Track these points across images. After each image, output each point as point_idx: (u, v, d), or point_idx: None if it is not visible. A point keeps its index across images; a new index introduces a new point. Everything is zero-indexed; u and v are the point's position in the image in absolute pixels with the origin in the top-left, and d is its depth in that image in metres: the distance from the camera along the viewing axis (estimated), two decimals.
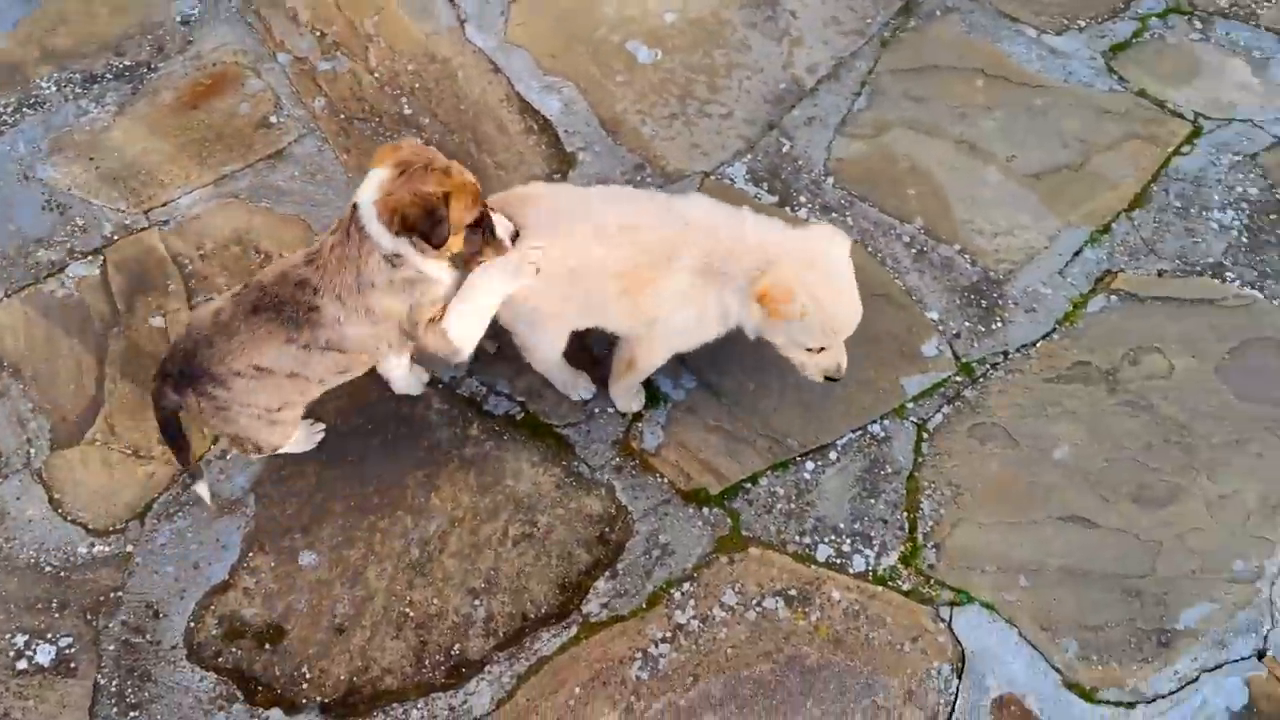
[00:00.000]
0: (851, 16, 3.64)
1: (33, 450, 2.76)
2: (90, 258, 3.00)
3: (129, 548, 2.66)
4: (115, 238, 3.03)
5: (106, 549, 2.65)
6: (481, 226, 2.34)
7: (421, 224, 2.23)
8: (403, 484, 2.77)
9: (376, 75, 3.36)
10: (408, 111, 3.30)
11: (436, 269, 2.37)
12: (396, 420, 2.83)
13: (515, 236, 2.39)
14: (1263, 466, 2.93)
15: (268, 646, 2.58)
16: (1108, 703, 2.63)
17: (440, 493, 2.77)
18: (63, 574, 2.62)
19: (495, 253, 2.39)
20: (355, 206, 2.28)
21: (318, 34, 3.42)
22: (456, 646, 2.60)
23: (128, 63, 3.32)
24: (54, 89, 3.26)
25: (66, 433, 2.78)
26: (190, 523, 2.69)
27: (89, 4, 3.41)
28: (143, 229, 3.05)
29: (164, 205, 3.09)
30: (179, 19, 3.42)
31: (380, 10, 3.48)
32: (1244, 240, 3.30)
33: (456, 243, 2.32)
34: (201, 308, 2.44)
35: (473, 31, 3.49)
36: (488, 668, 2.59)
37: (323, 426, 2.79)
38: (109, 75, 3.29)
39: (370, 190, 2.27)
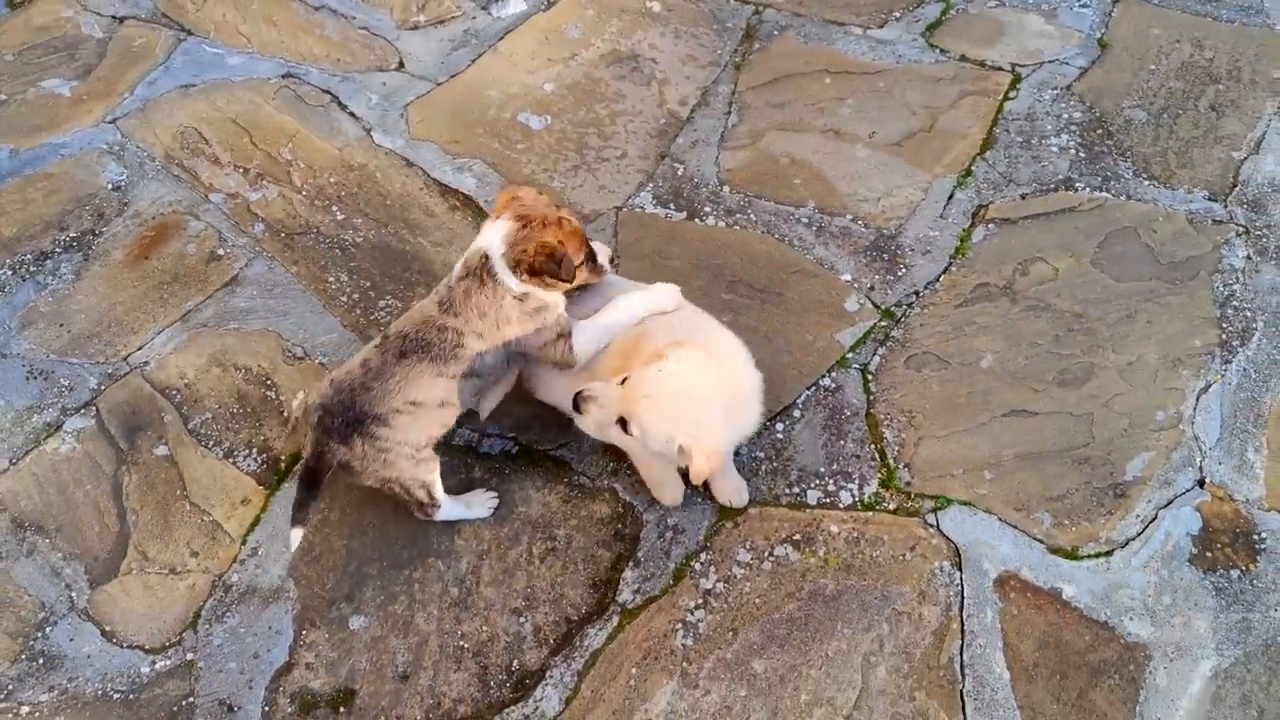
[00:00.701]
0: (704, 51, 4.12)
1: (74, 594, 2.88)
2: (83, 411, 3.17)
3: (189, 655, 2.79)
4: (102, 388, 3.21)
5: (168, 663, 2.78)
6: (590, 258, 2.79)
7: (549, 269, 2.66)
8: (426, 534, 2.98)
9: (304, 193, 3.67)
10: (340, 217, 3.61)
11: (556, 297, 2.79)
12: None
13: (613, 260, 2.85)
14: (1154, 331, 3.37)
15: (342, 709, 2.73)
16: (1089, 556, 2.97)
17: (462, 534, 2.99)
18: (131, 696, 2.73)
19: (595, 277, 2.86)
20: (487, 258, 2.68)
21: (241, 170, 3.71)
22: (515, 662, 2.80)
23: (73, 234, 3.55)
24: (10, 273, 3.45)
25: (102, 570, 2.92)
26: (240, 619, 2.84)
27: (23, 192, 3.64)
28: (125, 374, 3.24)
29: (140, 349, 3.30)
30: (110, 186, 3.67)
31: (292, 138, 3.81)
32: (1082, 155, 3.82)
33: (581, 275, 2.77)
34: (342, 366, 2.78)
35: (380, 137, 3.84)
36: (549, 673, 2.79)
37: (496, 495, 3.05)
38: (58, 249, 3.51)
39: (497, 243, 2.68)
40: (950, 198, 3.71)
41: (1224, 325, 3.39)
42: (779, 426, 3.19)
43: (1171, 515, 3.04)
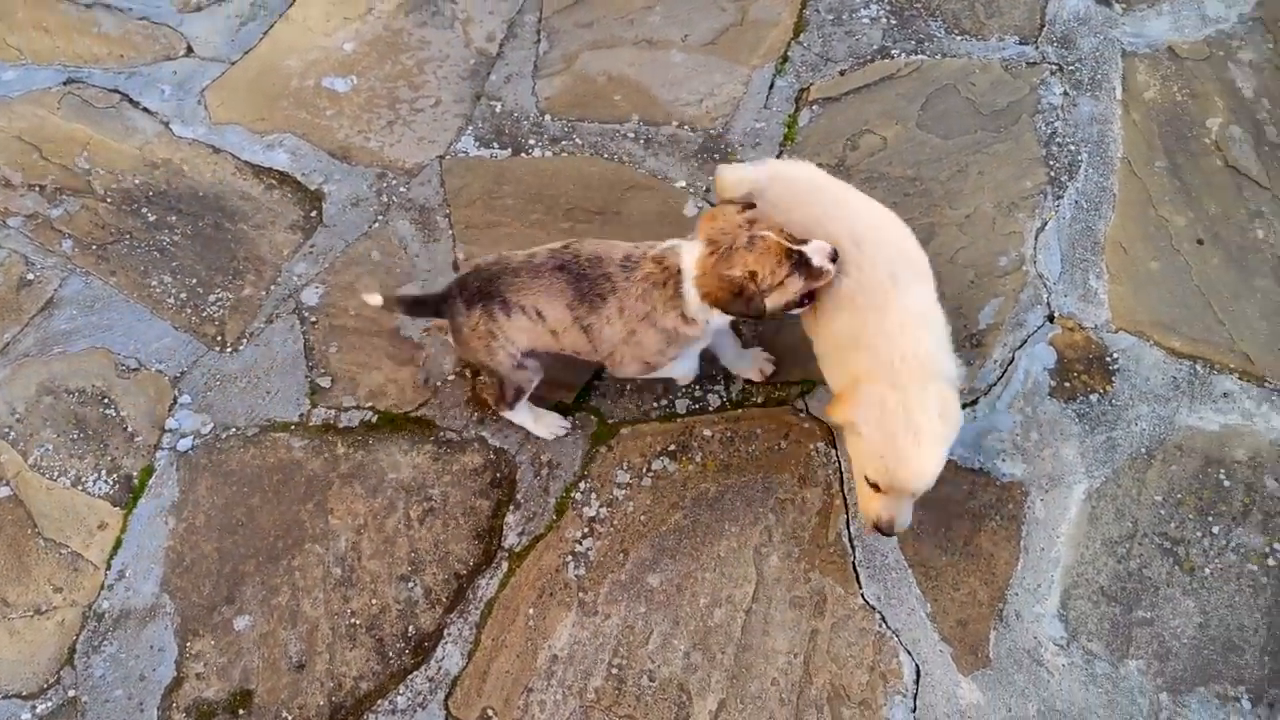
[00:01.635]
0: None
1: None
2: None
3: (71, 693, 2.68)
4: None
5: (50, 705, 2.66)
6: (797, 267, 2.56)
7: (734, 306, 2.55)
8: (299, 521, 2.90)
9: (109, 201, 3.47)
10: (152, 218, 3.43)
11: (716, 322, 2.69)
12: (266, 473, 2.95)
13: (835, 256, 2.58)
14: (986, 181, 3.42)
15: (241, 711, 2.65)
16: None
17: (335, 513, 2.91)
18: None
19: (815, 282, 2.60)
20: (680, 274, 2.59)
21: (37, 188, 3.49)
22: (411, 628, 2.75)
23: None
24: None
25: None
26: (119, 645, 2.73)
27: None
28: None
29: None
30: None
31: (86, 145, 3.59)
32: (894, 23, 3.83)
33: (781, 296, 2.59)
34: (516, 252, 2.77)
35: (180, 129, 3.65)
36: (446, 631, 2.75)
37: (568, 424, 3.04)
38: None
39: (689, 265, 2.58)
40: (771, 87, 3.68)
41: (1051, 163, 3.45)
42: None
43: (1027, 355, 3.10)
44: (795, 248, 2.54)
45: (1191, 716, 2.56)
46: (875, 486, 2.49)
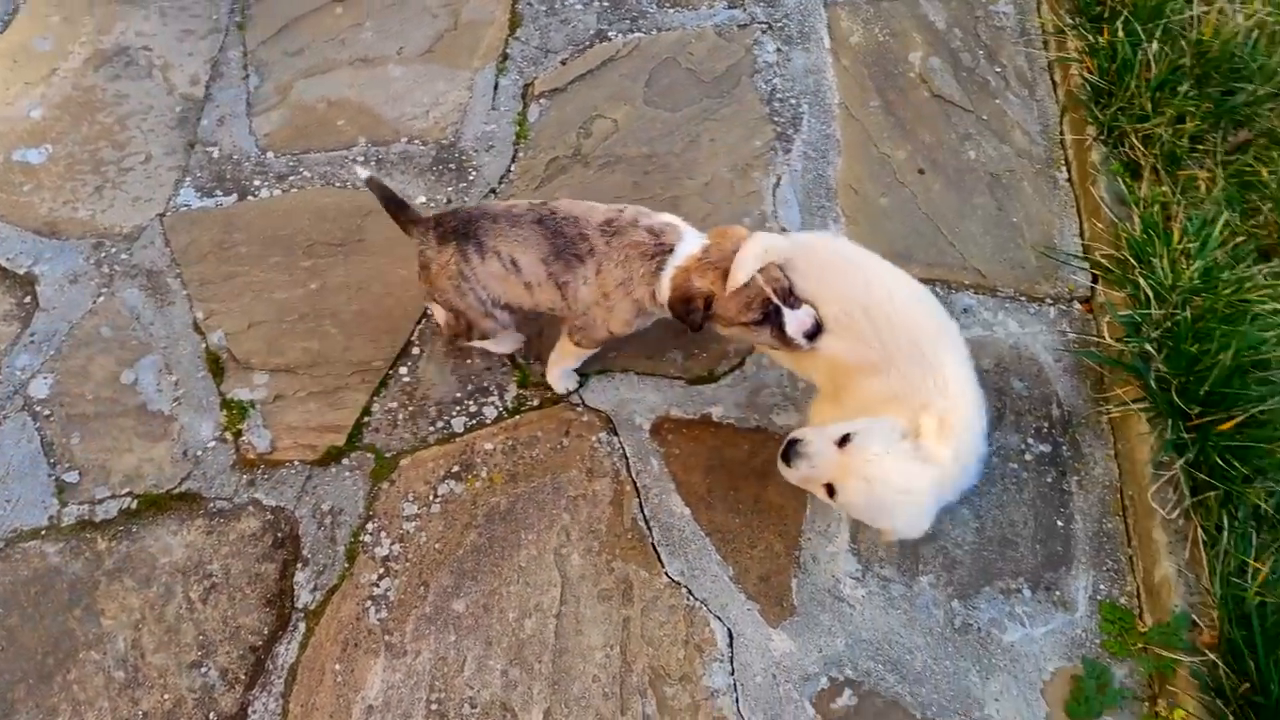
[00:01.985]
0: (198, 22, 3.80)
1: None
2: None
3: None
4: None
5: None
6: (769, 322, 2.53)
7: (675, 309, 2.59)
8: (67, 630, 2.68)
9: None
10: None
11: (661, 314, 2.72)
12: (21, 588, 2.72)
13: (815, 334, 2.52)
14: (719, 147, 3.49)
15: None
16: (725, 373, 3.07)
17: (107, 613, 2.71)
18: None
19: (787, 349, 2.58)
20: (669, 254, 2.57)
21: None
22: (212, 715, 2.59)
23: None
24: None
25: None
26: None
27: None
28: None
29: None
30: None
31: None
32: (606, 5, 3.86)
33: (743, 335, 2.63)
34: (499, 200, 2.81)
35: None
36: (250, 709, 2.60)
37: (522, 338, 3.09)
38: None
39: (682, 254, 2.57)
40: (496, 87, 3.65)
41: (776, 119, 3.56)
42: (402, 370, 3.08)
43: None
44: (776, 302, 2.50)
45: (981, 615, 2.72)
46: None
